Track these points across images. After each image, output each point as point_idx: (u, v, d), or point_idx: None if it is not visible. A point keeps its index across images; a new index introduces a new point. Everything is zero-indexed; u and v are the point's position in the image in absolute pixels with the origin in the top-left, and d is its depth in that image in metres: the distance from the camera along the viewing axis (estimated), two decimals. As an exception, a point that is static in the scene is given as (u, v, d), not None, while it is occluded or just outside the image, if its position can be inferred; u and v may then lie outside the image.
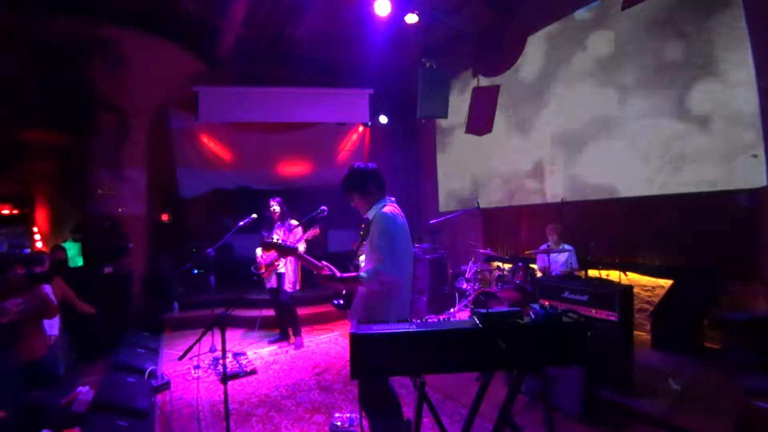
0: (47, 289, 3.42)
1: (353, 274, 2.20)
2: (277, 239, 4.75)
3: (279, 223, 4.82)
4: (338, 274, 2.23)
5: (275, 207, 4.80)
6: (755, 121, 3.79)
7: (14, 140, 5.72)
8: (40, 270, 3.58)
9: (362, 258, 2.40)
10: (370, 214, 2.31)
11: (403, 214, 2.30)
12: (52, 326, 3.61)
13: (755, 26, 3.77)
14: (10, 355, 3.04)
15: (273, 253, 4.73)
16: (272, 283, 4.89)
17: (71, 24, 5.75)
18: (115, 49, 6.09)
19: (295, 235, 4.56)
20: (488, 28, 6.48)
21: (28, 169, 5.91)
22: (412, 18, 5.63)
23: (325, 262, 2.28)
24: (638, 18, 4.66)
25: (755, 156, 3.80)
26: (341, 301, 2.33)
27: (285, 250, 2.50)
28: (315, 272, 2.30)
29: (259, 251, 4.94)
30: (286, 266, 4.81)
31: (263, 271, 4.82)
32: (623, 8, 4.76)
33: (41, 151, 5.90)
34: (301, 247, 4.41)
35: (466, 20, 6.26)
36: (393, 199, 2.35)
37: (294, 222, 4.80)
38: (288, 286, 4.82)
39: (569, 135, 5.52)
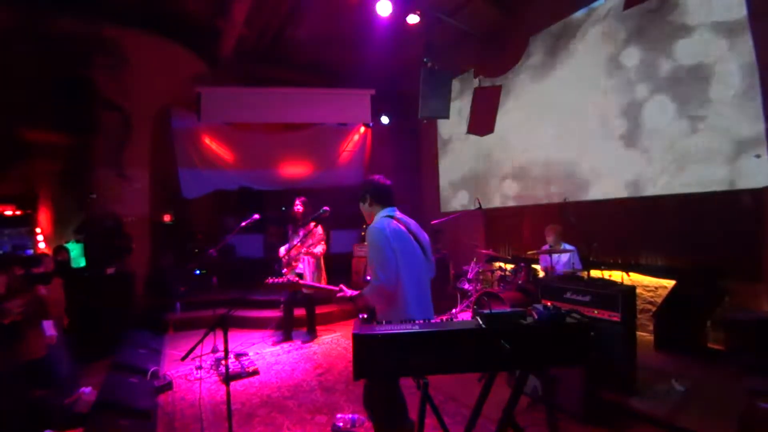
0: (44, 290, 3.44)
1: (359, 291, 2.29)
2: (297, 240, 4.83)
3: (301, 223, 4.92)
4: (348, 293, 2.33)
5: (299, 206, 4.92)
6: (758, 121, 3.78)
7: (17, 140, 5.74)
8: (39, 271, 3.59)
9: None
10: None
11: (403, 223, 2.29)
12: (50, 327, 3.61)
13: (758, 25, 3.75)
14: (12, 356, 3.06)
15: (294, 253, 4.85)
16: None
17: (74, 24, 5.77)
18: (117, 50, 6.11)
19: (315, 236, 4.83)
20: (490, 28, 6.47)
21: (31, 169, 5.93)
22: (413, 18, 5.64)
23: (342, 285, 2.40)
24: (640, 17, 4.65)
25: (758, 156, 3.79)
26: (366, 316, 2.38)
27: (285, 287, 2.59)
28: (330, 296, 2.41)
29: (282, 250, 5.02)
30: (305, 268, 4.91)
31: (285, 270, 4.90)
32: (625, 8, 4.76)
33: (44, 152, 5.92)
34: (320, 248, 4.83)
35: (467, 20, 6.26)
36: (393, 208, 2.36)
37: (313, 223, 4.88)
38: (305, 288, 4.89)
39: (571, 135, 5.51)
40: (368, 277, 2.41)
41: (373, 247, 2.17)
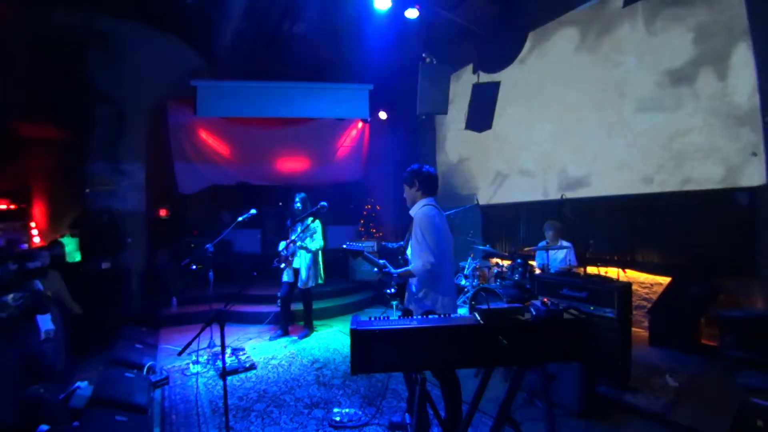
0: (39, 284, 3.42)
1: (406, 268, 2.56)
2: (296, 234, 4.86)
3: (299, 219, 4.91)
4: (394, 270, 2.61)
5: (299, 203, 4.98)
6: (755, 119, 3.79)
7: (12, 135, 5.68)
8: (33, 265, 3.57)
9: (409, 251, 2.69)
10: (411, 211, 2.66)
11: (441, 212, 2.62)
12: (46, 321, 3.59)
13: (756, 23, 3.76)
14: (7, 350, 3.04)
15: (292, 248, 4.88)
16: (289, 277, 5.00)
17: (69, 17, 5.70)
18: (112, 42, 6.04)
19: (311, 232, 4.87)
20: (489, 24, 6.44)
21: (25, 163, 5.87)
22: (412, 13, 5.61)
23: (385, 262, 2.67)
24: (638, 15, 4.64)
25: (755, 154, 3.80)
26: (394, 290, 2.62)
27: (354, 253, 2.78)
28: (376, 269, 2.69)
29: (282, 244, 5.01)
30: (301, 263, 4.93)
31: (283, 264, 4.94)
32: (624, 5, 4.74)
33: (39, 146, 5.86)
34: (317, 244, 4.92)
35: (466, 15, 6.23)
36: (432, 199, 2.67)
37: (311, 219, 4.90)
38: (301, 283, 4.93)
39: (570, 131, 5.51)
40: (407, 256, 2.69)
41: (424, 231, 2.45)
